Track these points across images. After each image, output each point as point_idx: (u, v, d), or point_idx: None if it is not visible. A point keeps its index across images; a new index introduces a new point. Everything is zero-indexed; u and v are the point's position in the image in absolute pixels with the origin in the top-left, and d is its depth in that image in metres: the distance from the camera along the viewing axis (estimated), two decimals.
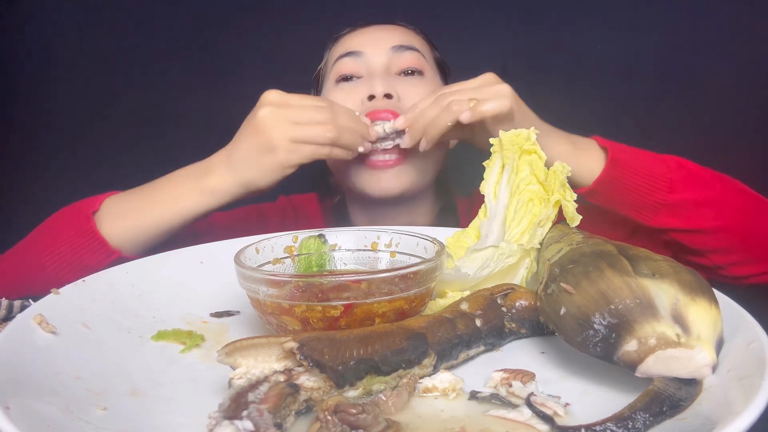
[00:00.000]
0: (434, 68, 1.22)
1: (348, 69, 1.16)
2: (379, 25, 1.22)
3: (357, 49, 1.16)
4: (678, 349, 0.50)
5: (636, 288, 0.53)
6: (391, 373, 0.54)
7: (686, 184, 1.01)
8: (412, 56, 1.16)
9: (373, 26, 1.22)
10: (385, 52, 1.15)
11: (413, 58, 1.16)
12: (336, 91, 1.16)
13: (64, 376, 0.55)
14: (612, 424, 0.47)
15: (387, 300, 0.62)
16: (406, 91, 1.11)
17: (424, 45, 1.23)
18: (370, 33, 1.20)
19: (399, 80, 1.14)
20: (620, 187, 1.00)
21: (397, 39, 1.17)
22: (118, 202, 1.03)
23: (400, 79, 1.14)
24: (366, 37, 1.19)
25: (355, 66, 1.16)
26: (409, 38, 1.20)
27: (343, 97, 1.13)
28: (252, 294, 0.65)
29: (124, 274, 0.78)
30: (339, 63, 1.17)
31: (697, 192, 1.02)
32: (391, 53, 1.15)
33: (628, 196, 1.01)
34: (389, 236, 0.78)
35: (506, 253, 0.72)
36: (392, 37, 1.18)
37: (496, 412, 0.51)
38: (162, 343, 0.66)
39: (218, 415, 0.45)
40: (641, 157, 1.02)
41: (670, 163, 1.02)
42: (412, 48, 1.17)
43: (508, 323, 0.64)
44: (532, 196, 0.76)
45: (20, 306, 0.76)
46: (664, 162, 1.03)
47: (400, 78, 1.15)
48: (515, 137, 0.79)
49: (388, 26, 1.22)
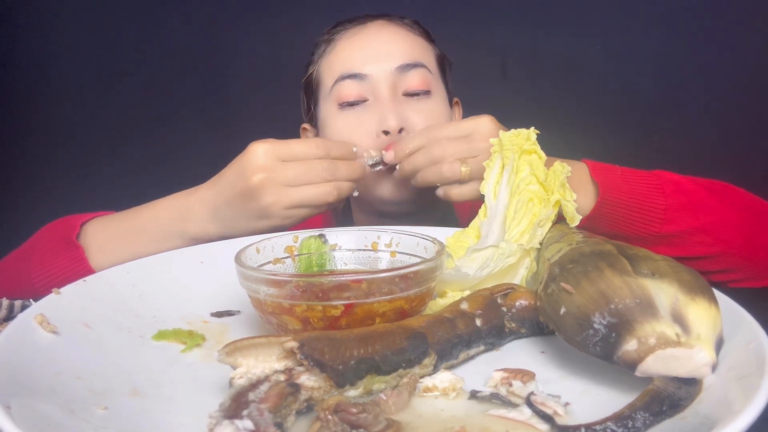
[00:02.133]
0: (437, 74, 1.18)
1: (352, 94, 1.09)
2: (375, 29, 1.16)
3: (359, 71, 1.10)
4: (678, 349, 0.50)
5: (636, 288, 0.53)
6: (392, 373, 0.54)
7: (681, 213, 0.96)
8: (418, 75, 1.11)
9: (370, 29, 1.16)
10: (390, 74, 1.09)
11: (420, 78, 1.11)
12: (342, 118, 1.11)
13: (65, 375, 0.55)
14: (612, 423, 0.47)
15: (387, 300, 0.62)
16: (415, 117, 1.08)
17: (426, 49, 1.18)
18: (368, 45, 1.14)
19: (408, 106, 1.09)
20: (613, 223, 0.96)
21: (400, 55, 1.11)
22: (102, 231, 1.00)
23: (408, 105, 1.10)
24: (366, 53, 1.13)
25: (359, 90, 1.09)
26: (411, 47, 1.14)
27: (351, 127, 1.09)
28: (252, 294, 0.65)
29: (124, 274, 0.78)
30: (341, 85, 1.10)
31: (692, 220, 0.96)
32: (396, 74, 1.10)
33: (621, 230, 0.96)
34: (389, 236, 0.78)
35: (506, 253, 0.72)
36: (395, 53, 1.12)
37: (496, 411, 0.51)
38: (163, 342, 0.66)
39: (219, 415, 0.45)
40: (634, 187, 0.96)
41: (666, 188, 0.97)
42: (418, 65, 1.11)
43: (508, 323, 0.64)
44: (532, 196, 0.76)
45: (21, 306, 0.76)
46: (659, 189, 0.97)
47: (409, 102, 1.10)
48: (515, 137, 0.79)
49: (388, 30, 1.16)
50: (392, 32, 1.16)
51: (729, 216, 0.99)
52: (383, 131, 1.05)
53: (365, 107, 1.10)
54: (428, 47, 1.19)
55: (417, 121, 1.08)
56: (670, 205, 0.95)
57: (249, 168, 0.91)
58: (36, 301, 0.67)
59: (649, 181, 0.98)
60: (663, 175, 0.99)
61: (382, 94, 1.09)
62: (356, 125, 1.09)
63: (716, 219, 0.97)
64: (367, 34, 1.15)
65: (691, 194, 0.98)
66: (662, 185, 0.97)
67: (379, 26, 1.16)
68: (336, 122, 1.12)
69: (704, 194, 0.99)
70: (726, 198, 1.01)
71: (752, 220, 1.01)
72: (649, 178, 0.98)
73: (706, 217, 0.97)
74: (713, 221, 0.97)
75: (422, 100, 1.12)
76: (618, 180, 0.97)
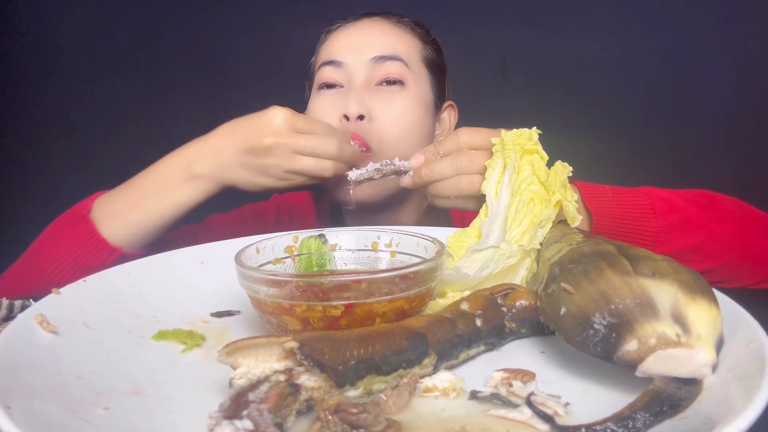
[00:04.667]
0: (422, 73, 1.20)
1: (329, 78, 1.17)
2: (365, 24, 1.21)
3: (338, 58, 1.16)
4: (678, 349, 0.50)
5: (636, 288, 0.53)
6: (392, 373, 0.54)
7: (673, 234, 0.97)
8: (392, 66, 1.15)
9: (361, 24, 1.21)
10: (366, 64, 1.15)
11: (394, 69, 1.15)
12: (317, 97, 1.18)
13: (65, 375, 0.55)
14: (612, 423, 0.47)
15: (387, 300, 0.62)
16: (380, 107, 1.12)
17: (412, 46, 1.20)
18: (353, 37, 1.19)
19: (375, 94, 1.13)
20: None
21: (379, 47, 1.16)
22: (110, 201, 1.03)
23: (376, 93, 1.13)
24: (348, 44, 1.18)
25: (336, 75, 1.16)
26: (394, 42, 1.18)
27: (322, 107, 1.15)
28: (252, 294, 0.65)
29: (125, 273, 0.78)
30: (322, 70, 1.18)
31: (683, 240, 0.97)
32: (371, 64, 1.14)
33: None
34: (389, 236, 0.78)
35: (507, 253, 0.72)
36: (375, 45, 1.16)
37: (496, 411, 0.51)
38: (163, 342, 0.66)
39: (218, 415, 0.45)
40: (626, 211, 0.96)
41: (656, 208, 0.97)
42: (394, 58, 1.15)
43: (508, 323, 0.64)
44: (533, 197, 0.76)
45: (21, 306, 0.76)
46: (650, 209, 0.97)
47: (378, 91, 1.14)
48: (517, 137, 0.79)
49: (375, 25, 1.20)
50: (378, 27, 1.21)
51: (717, 232, 0.99)
52: (344, 116, 1.10)
53: (339, 92, 1.16)
54: (416, 46, 1.21)
55: (380, 111, 1.12)
56: (661, 227, 0.96)
57: (266, 128, 0.96)
58: (36, 301, 0.67)
59: (639, 201, 0.98)
60: (653, 194, 0.99)
61: (355, 82, 1.14)
62: (326, 106, 1.15)
63: (705, 237, 0.98)
64: (356, 28, 1.21)
65: (681, 211, 0.99)
66: (653, 205, 0.97)
67: (370, 22, 1.22)
68: (313, 102, 1.19)
69: (693, 211, 0.99)
70: (714, 212, 1.01)
71: (739, 233, 1.01)
72: (639, 197, 0.99)
73: (696, 235, 0.98)
74: (702, 240, 0.98)
75: (393, 91, 1.15)
76: (609, 204, 0.97)
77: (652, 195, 0.99)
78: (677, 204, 0.99)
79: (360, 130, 1.09)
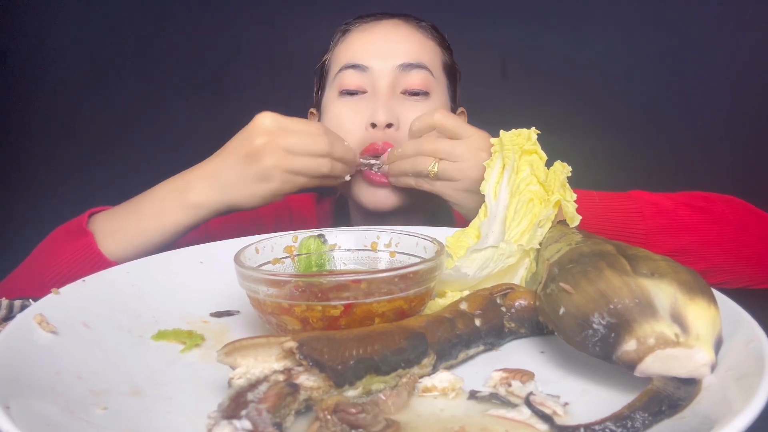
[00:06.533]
0: (442, 81, 1.19)
1: (352, 84, 1.13)
2: (388, 27, 1.18)
3: (363, 62, 1.13)
4: (677, 349, 0.50)
5: (635, 288, 0.53)
6: (391, 373, 0.54)
7: (663, 236, 0.96)
8: (419, 76, 1.13)
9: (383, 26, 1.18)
10: (392, 71, 1.12)
11: (420, 79, 1.13)
12: (339, 104, 1.15)
13: (65, 375, 0.55)
14: (611, 423, 0.47)
15: (387, 300, 0.62)
16: (408, 117, 1.10)
17: (435, 53, 1.19)
18: (376, 40, 1.16)
19: (403, 103, 1.12)
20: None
21: (406, 54, 1.14)
22: (106, 219, 1.02)
23: (403, 102, 1.12)
24: (372, 47, 1.15)
25: (360, 81, 1.13)
26: (418, 49, 1.16)
27: (345, 114, 1.13)
28: (252, 294, 0.65)
29: (124, 273, 0.78)
30: (343, 74, 1.14)
31: (674, 242, 0.97)
32: (397, 71, 1.12)
33: None
34: (389, 236, 0.78)
35: (506, 253, 0.72)
36: (401, 51, 1.14)
37: (495, 411, 0.51)
38: (162, 342, 0.66)
39: (217, 415, 0.45)
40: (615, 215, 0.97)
41: (645, 211, 0.97)
42: (420, 66, 1.14)
43: (507, 323, 0.64)
44: (533, 197, 0.76)
45: (20, 306, 0.76)
46: (639, 212, 0.97)
47: (404, 100, 1.13)
48: (516, 137, 0.79)
49: (399, 30, 1.18)
50: (402, 32, 1.18)
51: (710, 233, 0.99)
52: (371, 124, 1.09)
53: (362, 98, 1.13)
54: (438, 52, 1.21)
55: (408, 116, 1.10)
56: (650, 229, 0.96)
57: (254, 132, 0.97)
58: (35, 300, 0.67)
59: (627, 205, 0.98)
60: (641, 197, 0.99)
61: (381, 88, 1.12)
62: (350, 113, 1.13)
63: (697, 239, 0.97)
64: (378, 31, 1.18)
65: (671, 214, 0.98)
66: (641, 208, 0.97)
67: (392, 25, 1.19)
68: (333, 108, 1.16)
69: (684, 212, 0.99)
70: (707, 214, 1.00)
71: (734, 235, 1.00)
72: (627, 201, 0.99)
73: (687, 237, 0.97)
74: (694, 241, 0.97)
75: (419, 100, 1.14)
76: (595, 208, 0.97)
77: (640, 199, 0.99)
78: (667, 207, 0.99)
79: (388, 137, 1.09)
